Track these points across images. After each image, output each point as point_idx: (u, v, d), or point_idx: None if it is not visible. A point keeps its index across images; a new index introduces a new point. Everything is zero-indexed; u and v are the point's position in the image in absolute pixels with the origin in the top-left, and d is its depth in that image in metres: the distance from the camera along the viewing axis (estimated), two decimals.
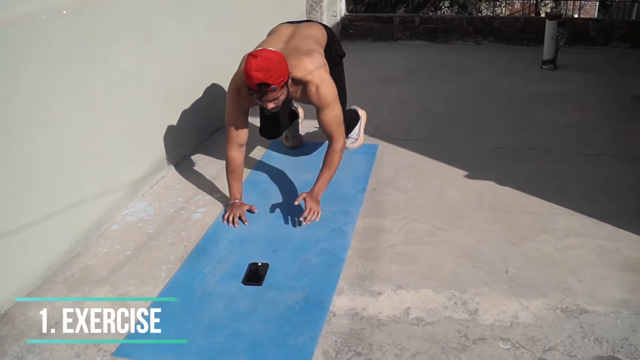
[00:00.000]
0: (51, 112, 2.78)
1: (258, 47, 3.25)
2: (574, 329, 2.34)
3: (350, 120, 3.93)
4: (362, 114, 4.13)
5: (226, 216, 3.22)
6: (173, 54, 3.82)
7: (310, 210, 3.09)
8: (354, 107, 4.10)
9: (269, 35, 3.56)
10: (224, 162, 3.32)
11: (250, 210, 3.26)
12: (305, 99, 3.22)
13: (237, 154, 3.31)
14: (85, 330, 2.44)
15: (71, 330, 2.45)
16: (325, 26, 3.66)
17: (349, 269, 2.79)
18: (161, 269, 2.85)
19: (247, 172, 3.75)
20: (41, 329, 2.46)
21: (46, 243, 2.81)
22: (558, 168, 3.72)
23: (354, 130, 4.04)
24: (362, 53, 6.90)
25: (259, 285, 2.68)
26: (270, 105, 2.99)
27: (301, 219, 3.09)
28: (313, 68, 3.15)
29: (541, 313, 2.44)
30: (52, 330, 2.45)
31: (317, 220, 3.11)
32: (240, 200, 3.30)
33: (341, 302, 2.56)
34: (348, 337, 2.35)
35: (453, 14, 11.67)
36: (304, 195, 3.15)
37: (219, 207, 3.36)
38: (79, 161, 2.99)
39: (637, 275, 2.65)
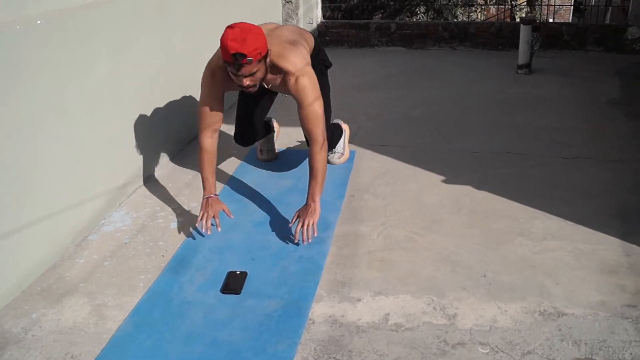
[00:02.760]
0: (26, 121, 2.75)
1: None
2: (553, 332, 2.35)
3: (334, 134, 3.82)
4: (346, 128, 4.02)
5: (201, 215, 3.11)
6: (149, 62, 3.80)
7: (305, 226, 2.99)
8: (336, 120, 4.00)
9: None
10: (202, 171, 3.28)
11: (225, 212, 3.18)
12: (286, 89, 3.11)
13: (211, 142, 3.19)
14: (63, 342, 2.42)
15: (49, 342, 2.42)
16: (312, 34, 3.58)
17: (327, 276, 2.78)
18: (139, 278, 2.83)
19: (223, 181, 3.74)
20: (18, 342, 2.43)
21: (22, 254, 2.78)
22: (535, 171, 3.74)
23: (339, 145, 3.92)
24: (339, 60, 6.86)
25: (238, 294, 2.66)
26: (247, 82, 2.86)
27: (296, 241, 3.01)
28: (295, 57, 3.04)
29: (520, 317, 2.45)
30: (30, 343, 2.42)
31: (315, 234, 3.00)
32: (216, 195, 3.22)
33: (320, 309, 2.55)
34: (327, 344, 2.35)
35: (429, 19, 11.73)
36: (295, 216, 3.07)
37: (196, 216, 3.34)
38: (54, 171, 2.97)
39: (614, 277, 2.68)
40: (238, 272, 2.79)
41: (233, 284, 2.72)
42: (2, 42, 2.61)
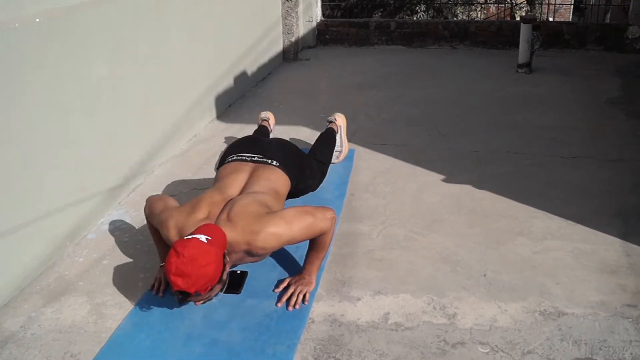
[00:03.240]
0: (25, 120, 2.75)
1: (197, 201, 2.67)
2: (553, 332, 2.35)
3: (329, 147, 3.64)
4: (341, 121, 3.90)
5: (154, 285, 2.73)
6: (147, 61, 3.80)
7: (294, 294, 2.61)
8: (331, 117, 3.91)
9: (220, 180, 2.91)
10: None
11: None
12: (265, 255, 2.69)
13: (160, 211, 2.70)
14: (62, 340, 2.42)
15: (48, 340, 2.42)
16: (286, 170, 3.02)
17: (327, 275, 2.78)
18: (138, 277, 2.82)
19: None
20: (18, 340, 2.43)
21: (22, 253, 2.78)
22: (535, 171, 3.74)
23: (336, 144, 3.81)
24: (339, 58, 6.91)
25: (238, 293, 2.66)
26: (199, 304, 2.52)
27: (279, 304, 2.59)
28: (258, 229, 2.49)
29: (520, 316, 2.44)
30: (29, 342, 2.42)
31: (306, 303, 2.59)
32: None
33: (320, 309, 2.55)
34: (327, 344, 2.34)
35: (429, 18, 11.73)
36: (286, 281, 2.71)
37: None
38: (54, 170, 2.96)
39: (614, 277, 2.67)
40: (238, 272, 2.79)
41: (233, 283, 2.71)
42: (2, 41, 2.60)
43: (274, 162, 2.97)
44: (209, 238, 2.34)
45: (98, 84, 3.28)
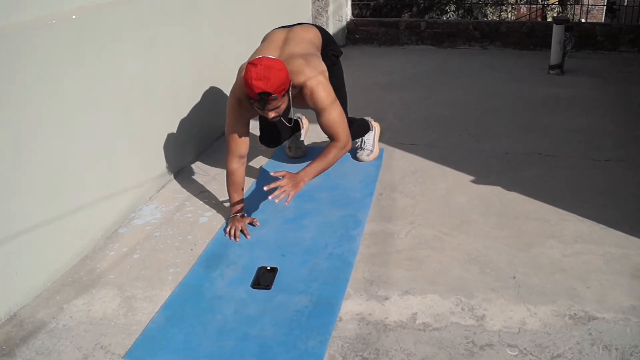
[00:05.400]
0: (60, 115, 2.79)
1: (254, 55, 3.24)
2: (583, 336, 2.33)
3: (359, 127, 3.86)
4: (376, 126, 4.07)
5: (227, 229, 3.16)
6: (179, 58, 3.83)
7: (281, 187, 2.91)
8: (367, 118, 4.04)
9: (262, 41, 3.53)
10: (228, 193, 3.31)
11: (251, 223, 3.22)
12: (304, 102, 3.16)
13: (237, 166, 3.23)
14: (93, 332, 2.45)
15: (79, 332, 2.46)
16: (318, 27, 3.63)
17: (355, 274, 2.78)
18: (168, 272, 2.85)
19: (251, 180, 3.76)
20: (50, 331, 2.47)
21: (54, 246, 2.82)
22: (566, 173, 3.71)
23: (368, 142, 3.97)
24: (368, 58, 6.90)
25: (268, 289, 2.68)
26: (272, 115, 2.94)
27: (265, 188, 2.92)
28: (308, 72, 3.08)
29: (549, 320, 2.43)
30: (61, 333, 2.46)
31: (286, 203, 2.95)
32: (242, 213, 3.25)
33: (348, 307, 2.56)
34: (354, 342, 2.35)
35: (459, 18, 11.67)
36: (283, 172, 2.97)
37: (225, 211, 3.36)
38: (87, 165, 3.00)
39: None
40: (268, 268, 2.81)
41: (264, 279, 2.73)
42: (39, 36, 2.64)
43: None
44: (272, 57, 2.94)
45: (131, 80, 3.32)
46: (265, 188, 2.92)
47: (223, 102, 4.32)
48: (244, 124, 3.20)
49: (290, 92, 2.99)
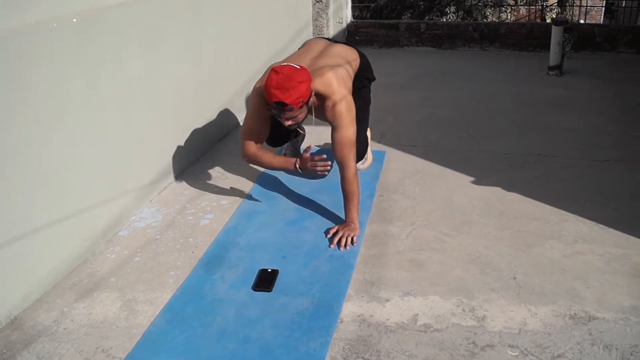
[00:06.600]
0: (61, 118, 2.79)
1: (287, 59, 3.24)
2: (583, 336, 2.33)
3: (359, 145, 3.79)
4: (368, 133, 3.98)
5: (310, 164, 3.10)
6: (181, 60, 3.83)
7: (341, 236, 3.01)
8: None
9: (301, 47, 3.55)
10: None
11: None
12: (322, 114, 3.13)
13: (257, 148, 3.22)
14: (94, 335, 2.45)
15: (80, 335, 2.46)
16: (359, 51, 3.61)
17: (356, 276, 2.79)
18: (169, 275, 2.85)
19: (253, 179, 3.77)
20: (50, 334, 2.47)
21: (55, 249, 2.82)
22: (565, 174, 3.72)
23: None
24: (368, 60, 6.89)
25: (269, 291, 2.68)
26: (288, 123, 2.95)
27: (331, 246, 3.01)
28: (336, 85, 3.07)
29: (550, 320, 2.43)
30: (62, 336, 2.46)
31: (354, 245, 3.00)
32: (298, 157, 3.23)
33: (349, 309, 2.56)
34: (356, 344, 2.35)
35: (458, 20, 11.68)
36: (334, 228, 3.09)
37: (226, 214, 3.37)
38: (87, 167, 3.00)
39: None
40: (269, 270, 2.81)
41: (264, 281, 2.74)
42: (40, 40, 2.65)
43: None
44: (299, 66, 2.92)
45: (132, 81, 3.32)
46: (330, 247, 3.01)
47: (225, 105, 4.35)
48: (264, 119, 3.18)
49: (309, 104, 2.99)
